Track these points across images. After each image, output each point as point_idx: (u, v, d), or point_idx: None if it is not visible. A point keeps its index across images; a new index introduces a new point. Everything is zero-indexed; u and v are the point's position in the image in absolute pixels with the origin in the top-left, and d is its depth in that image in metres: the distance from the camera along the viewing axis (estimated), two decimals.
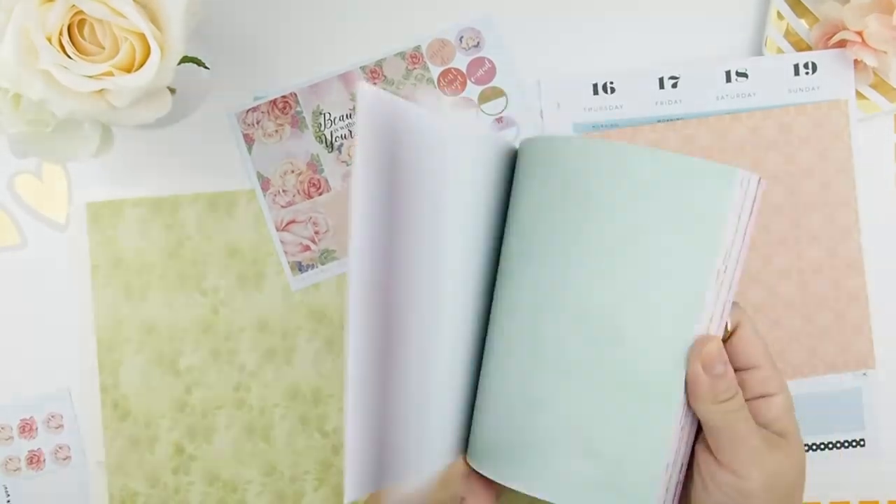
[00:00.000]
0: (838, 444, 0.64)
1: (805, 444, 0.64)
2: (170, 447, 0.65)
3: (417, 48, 0.65)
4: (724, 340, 0.47)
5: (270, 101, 0.65)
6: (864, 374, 0.64)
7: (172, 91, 0.52)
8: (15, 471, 0.64)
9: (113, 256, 0.64)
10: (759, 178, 0.44)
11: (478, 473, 0.47)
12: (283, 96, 0.65)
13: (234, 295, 0.65)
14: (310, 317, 0.65)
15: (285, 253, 0.65)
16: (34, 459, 0.64)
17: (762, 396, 0.47)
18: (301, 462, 0.65)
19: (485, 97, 0.65)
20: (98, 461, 0.65)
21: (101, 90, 0.49)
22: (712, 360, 0.44)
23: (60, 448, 0.64)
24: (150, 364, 0.65)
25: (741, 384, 0.47)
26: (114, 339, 0.65)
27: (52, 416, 0.64)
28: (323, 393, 0.65)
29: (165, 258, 0.65)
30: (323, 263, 0.65)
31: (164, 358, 0.65)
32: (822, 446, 0.65)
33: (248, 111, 0.65)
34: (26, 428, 0.64)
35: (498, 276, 0.48)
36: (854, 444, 0.65)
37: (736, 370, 0.47)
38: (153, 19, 0.49)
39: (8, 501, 0.64)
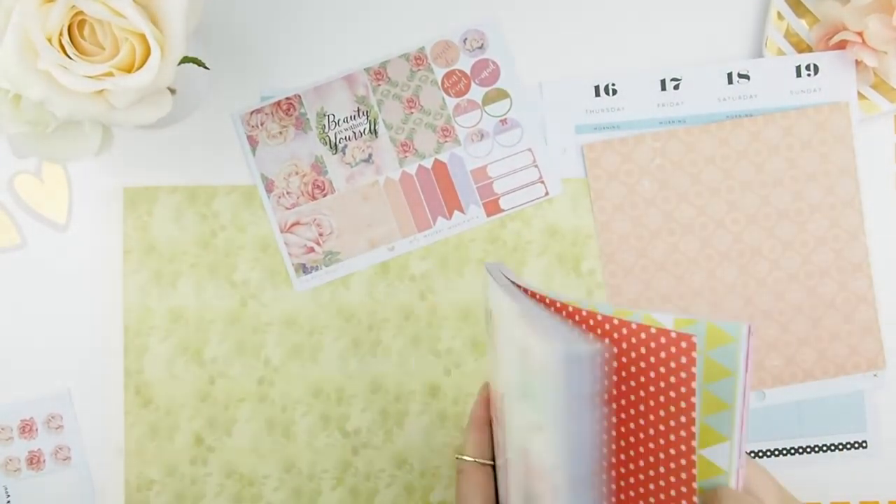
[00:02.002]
0: (840, 446, 0.64)
1: (808, 446, 0.64)
2: (189, 437, 0.65)
3: (422, 49, 0.65)
4: None
5: (274, 103, 0.65)
6: (875, 375, 0.64)
7: (173, 91, 0.52)
8: (15, 471, 0.64)
9: (146, 242, 0.65)
10: (749, 326, 0.43)
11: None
12: (287, 98, 0.65)
13: (264, 289, 0.65)
14: (338, 315, 0.65)
15: (289, 255, 0.65)
16: (34, 460, 0.64)
17: None
18: (320, 461, 0.65)
19: (489, 99, 0.65)
20: (117, 447, 0.65)
21: (102, 90, 0.49)
22: None
23: (60, 448, 0.64)
24: (175, 352, 0.65)
25: None
26: (141, 324, 0.65)
27: (52, 416, 0.64)
28: (346, 393, 0.65)
29: (198, 248, 0.65)
30: (327, 265, 0.65)
31: (189, 347, 0.65)
32: (825, 448, 0.64)
33: (251, 113, 0.65)
34: (26, 428, 0.64)
35: None
36: (856, 445, 0.64)
37: None
38: (153, 20, 0.49)
39: (8, 501, 0.64)
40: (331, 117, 0.65)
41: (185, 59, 0.52)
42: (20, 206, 0.65)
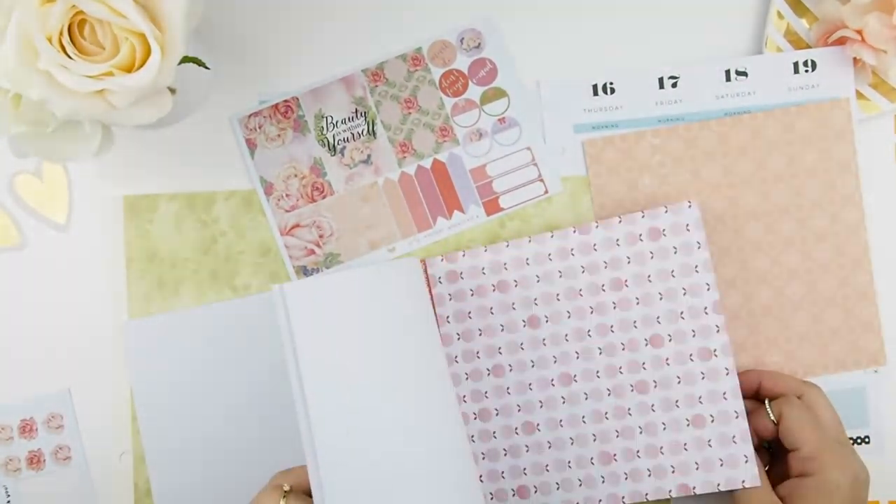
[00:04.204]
0: None
1: None
2: None
3: (419, 50, 0.65)
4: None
5: (272, 106, 0.65)
6: (876, 371, 0.64)
7: (173, 91, 0.52)
8: (15, 471, 0.64)
9: (147, 250, 0.65)
10: None
11: None
12: (285, 101, 0.65)
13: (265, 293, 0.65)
14: None
15: (290, 257, 0.65)
16: (34, 459, 0.64)
17: (799, 475, 0.57)
18: None
19: (487, 98, 0.65)
20: (121, 450, 0.65)
21: (102, 90, 0.49)
22: None
23: (60, 448, 0.64)
24: None
25: (789, 463, 0.58)
26: None
27: (52, 416, 0.64)
28: None
29: (199, 254, 0.65)
30: (328, 267, 0.65)
31: None
32: None
33: (249, 116, 0.65)
34: (26, 428, 0.64)
35: None
36: (859, 441, 0.64)
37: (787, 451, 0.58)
38: (153, 19, 0.49)
39: (8, 501, 0.64)
40: (329, 119, 0.65)
41: (186, 59, 0.52)
42: (20, 206, 0.65)
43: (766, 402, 0.59)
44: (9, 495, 0.64)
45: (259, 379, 0.64)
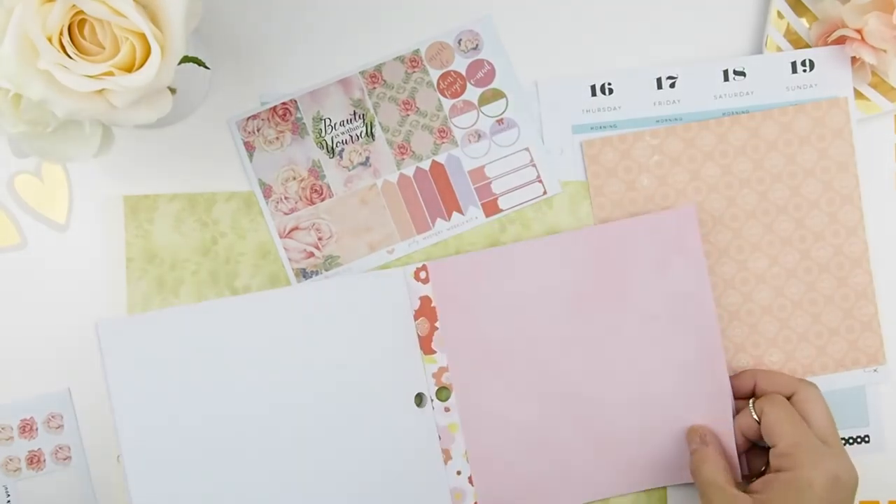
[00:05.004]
0: (843, 441, 0.64)
1: None
2: None
3: (416, 51, 0.66)
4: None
5: (270, 108, 0.65)
6: (875, 370, 0.64)
7: (173, 91, 0.52)
8: (15, 471, 0.64)
9: (147, 250, 0.65)
10: None
11: None
12: (283, 103, 0.65)
13: None
14: None
15: (289, 260, 0.65)
16: (34, 459, 0.64)
17: (775, 471, 0.57)
18: None
19: (485, 99, 0.66)
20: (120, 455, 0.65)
21: (102, 90, 0.49)
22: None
23: (60, 448, 0.64)
24: None
25: (770, 460, 0.58)
26: None
27: (52, 416, 0.64)
28: None
29: (199, 255, 0.65)
30: (327, 269, 0.65)
31: None
32: None
33: (247, 119, 0.65)
34: (26, 428, 0.64)
35: None
36: (859, 440, 0.64)
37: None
38: (154, 19, 0.49)
39: (8, 501, 0.64)
40: (327, 121, 0.65)
41: (186, 59, 0.52)
42: (20, 206, 0.65)
43: (751, 401, 0.60)
44: (9, 495, 0.64)
45: (248, 379, 0.63)
